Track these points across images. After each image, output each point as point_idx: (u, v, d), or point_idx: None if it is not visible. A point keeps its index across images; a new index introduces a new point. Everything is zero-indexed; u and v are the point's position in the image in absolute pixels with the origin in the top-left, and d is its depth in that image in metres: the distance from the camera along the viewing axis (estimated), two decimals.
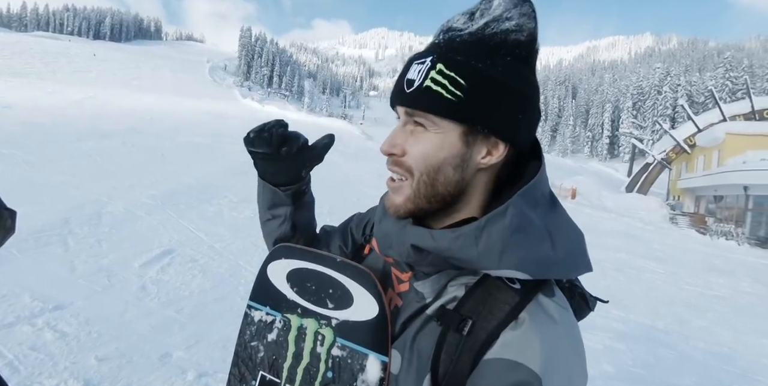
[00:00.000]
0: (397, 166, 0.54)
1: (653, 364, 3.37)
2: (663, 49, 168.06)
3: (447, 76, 0.49)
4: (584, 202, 19.71)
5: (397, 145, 0.54)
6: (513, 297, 0.51)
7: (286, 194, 0.75)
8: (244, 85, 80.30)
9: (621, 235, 10.99)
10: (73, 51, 64.62)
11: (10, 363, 2.26)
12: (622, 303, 4.88)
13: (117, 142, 11.56)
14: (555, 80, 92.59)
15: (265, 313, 0.66)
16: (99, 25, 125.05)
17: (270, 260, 0.67)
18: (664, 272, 7.00)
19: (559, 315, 0.51)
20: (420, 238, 0.52)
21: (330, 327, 0.60)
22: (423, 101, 0.51)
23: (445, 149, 0.52)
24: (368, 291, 0.58)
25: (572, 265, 0.52)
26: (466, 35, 0.51)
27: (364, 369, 0.56)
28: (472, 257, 0.49)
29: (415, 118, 0.52)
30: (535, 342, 0.47)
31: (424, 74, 0.51)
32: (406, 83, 0.52)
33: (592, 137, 70.59)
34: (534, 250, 0.49)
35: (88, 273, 3.57)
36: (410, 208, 0.55)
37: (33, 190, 5.82)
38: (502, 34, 0.50)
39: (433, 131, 0.52)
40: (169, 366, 2.43)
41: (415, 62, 0.53)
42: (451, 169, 0.52)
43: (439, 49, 0.52)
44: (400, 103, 0.53)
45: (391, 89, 0.58)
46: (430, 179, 0.53)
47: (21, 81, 27.44)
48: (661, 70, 63.25)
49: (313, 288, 0.62)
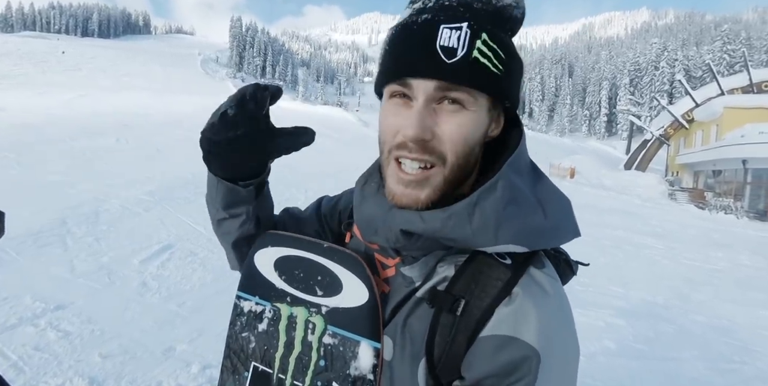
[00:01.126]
0: (427, 152, 0.47)
1: (654, 339, 3.41)
2: (660, 24, 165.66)
3: (491, 49, 0.46)
4: (583, 181, 19.71)
5: (428, 128, 0.46)
6: (505, 272, 0.49)
7: (248, 190, 0.64)
8: (237, 77, 79.43)
9: (620, 212, 11.01)
10: (62, 49, 63.66)
11: (15, 364, 2.28)
12: (621, 280, 4.92)
13: (111, 139, 11.49)
14: (551, 59, 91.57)
15: (254, 303, 0.65)
16: (86, 21, 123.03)
17: (257, 249, 0.65)
18: (663, 247, 7.03)
19: (551, 287, 0.50)
20: (410, 222, 0.49)
21: (320, 315, 0.59)
22: (469, 74, 0.45)
23: (481, 127, 0.49)
24: (357, 276, 0.56)
25: (563, 232, 0.52)
26: (479, 3, 0.47)
27: (357, 356, 0.55)
28: (466, 235, 0.47)
29: (454, 94, 0.46)
30: (531, 317, 0.46)
31: (467, 43, 0.45)
32: (444, 52, 0.44)
33: (590, 116, 70.23)
34: (528, 221, 0.48)
35: (89, 272, 3.58)
36: (434, 199, 0.49)
37: (28, 192, 5.80)
38: (509, 9, 0.49)
39: (472, 109, 0.47)
40: (173, 359, 2.46)
41: (444, 26, 0.45)
42: (478, 146, 0.50)
43: (471, 16, 0.46)
44: (437, 75, 0.45)
45: (391, 59, 0.49)
46: (465, 162, 0.49)
47: (10, 82, 27.14)
48: (657, 45, 62.50)
49: (301, 276, 0.61)
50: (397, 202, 0.50)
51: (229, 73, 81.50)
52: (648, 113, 44.38)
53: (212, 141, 0.59)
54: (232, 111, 0.57)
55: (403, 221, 0.49)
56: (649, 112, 45.83)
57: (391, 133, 0.49)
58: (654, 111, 45.45)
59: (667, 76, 57.17)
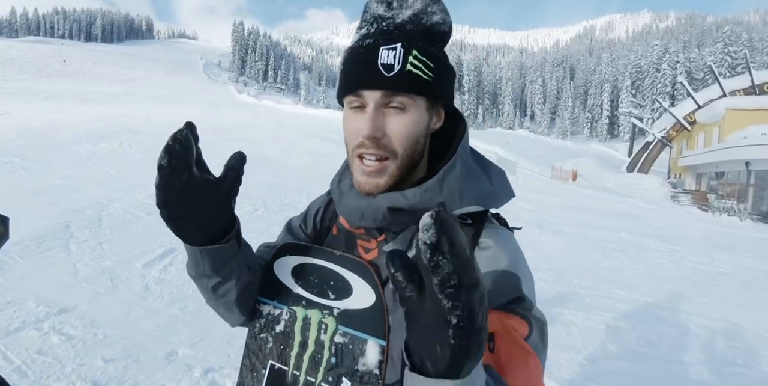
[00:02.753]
0: (380, 148, 0.58)
1: (657, 342, 3.39)
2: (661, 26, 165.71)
3: (421, 61, 0.57)
4: (585, 183, 19.67)
5: (379, 128, 0.58)
6: (470, 229, 0.62)
7: (231, 244, 0.62)
8: (240, 81, 79.80)
9: (622, 215, 10.97)
10: (66, 55, 64.14)
11: (18, 368, 2.29)
12: (624, 283, 4.90)
13: (114, 144, 11.55)
14: (552, 62, 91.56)
15: (272, 307, 0.71)
16: (90, 27, 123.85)
17: (275, 258, 0.71)
18: (666, 250, 7.00)
19: (504, 232, 0.65)
20: (394, 200, 0.60)
21: (332, 316, 0.64)
22: (408, 83, 0.57)
23: (421, 123, 0.60)
24: (365, 281, 0.62)
25: (504, 194, 0.66)
26: (411, 25, 0.59)
27: (364, 353, 0.61)
28: (440, 202, 0.58)
29: (396, 100, 0.58)
30: (501, 253, 0.61)
31: (401, 59, 0.56)
32: (384, 68, 0.56)
33: (592, 118, 70.13)
34: (481, 188, 0.63)
35: (92, 276, 3.60)
36: (391, 184, 0.61)
37: (32, 196, 5.84)
38: (437, 26, 0.60)
39: (412, 110, 0.58)
40: (176, 363, 2.46)
41: (383, 48, 0.57)
42: (423, 139, 0.62)
43: (403, 37, 0.58)
44: (380, 86, 0.57)
45: (347, 77, 0.60)
46: (412, 152, 0.60)
47: (16, 88, 27.33)
48: (659, 47, 62.44)
49: (315, 281, 0.67)
50: (362, 189, 0.61)
51: (232, 78, 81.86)
52: (650, 115, 44.26)
53: (176, 214, 0.56)
54: (165, 160, 0.53)
55: (388, 200, 0.60)
56: (651, 114, 45.70)
57: (352, 135, 0.61)
58: (656, 113, 45.33)
59: (669, 79, 57.06)
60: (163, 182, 0.55)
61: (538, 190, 14.79)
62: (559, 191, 15.98)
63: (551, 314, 3.72)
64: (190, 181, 0.55)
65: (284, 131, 19.08)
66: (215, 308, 0.72)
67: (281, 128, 19.73)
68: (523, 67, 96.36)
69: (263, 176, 9.23)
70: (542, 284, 4.57)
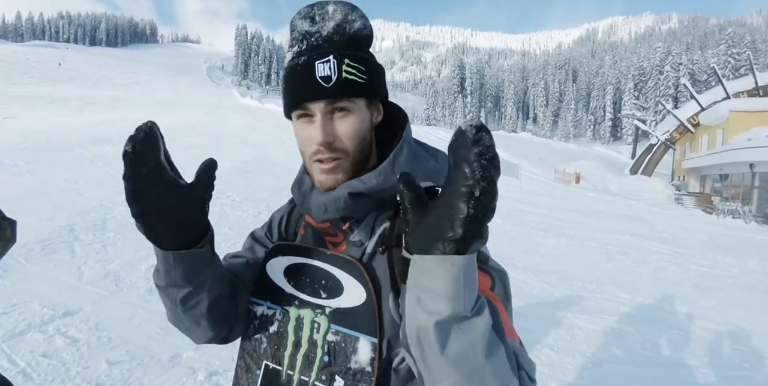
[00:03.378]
0: (334, 151, 0.63)
1: (662, 345, 3.38)
2: (663, 28, 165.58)
3: (354, 67, 0.62)
4: (588, 186, 19.62)
5: (329, 133, 0.62)
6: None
7: (205, 250, 0.63)
8: (243, 84, 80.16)
9: (626, 218, 10.93)
10: (71, 58, 64.66)
11: (23, 370, 2.30)
12: (629, 286, 4.87)
13: (118, 147, 11.60)
14: (555, 65, 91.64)
15: (266, 307, 0.71)
16: (95, 31, 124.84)
17: (268, 259, 0.72)
18: (670, 253, 6.96)
19: None
20: (353, 186, 0.64)
21: (324, 315, 0.65)
22: (347, 89, 0.62)
23: (365, 121, 0.65)
24: (356, 279, 0.63)
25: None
26: (337, 36, 0.63)
27: (357, 350, 0.62)
28: (394, 182, 0.64)
29: (339, 105, 0.62)
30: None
31: (336, 69, 0.61)
32: (323, 80, 0.61)
33: (595, 121, 70.02)
34: (428, 166, 0.68)
35: (96, 279, 3.62)
36: (348, 177, 0.65)
37: (37, 199, 5.87)
38: (359, 32, 0.64)
39: (355, 111, 0.63)
40: (180, 366, 2.47)
41: (317, 63, 0.61)
42: (368, 133, 0.67)
43: (333, 49, 0.63)
44: (323, 96, 0.61)
45: (290, 93, 0.64)
46: (362, 148, 0.65)
47: (20, 91, 27.53)
48: (662, 49, 62.37)
49: (307, 281, 0.67)
50: (324, 186, 0.65)
51: (235, 81, 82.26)
52: (653, 117, 44.16)
53: (147, 210, 0.56)
54: (129, 146, 0.54)
55: (348, 188, 0.64)
56: (654, 116, 45.60)
57: (306, 144, 0.64)
58: (659, 115, 45.21)
59: (672, 81, 56.94)
60: (129, 170, 0.54)
61: (540, 193, 14.75)
62: (563, 193, 15.94)
63: (555, 317, 3.71)
64: (159, 172, 0.56)
65: (287, 134, 19.12)
66: (179, 322, 0.69)
67: (284, 131, 19.78)
68: (526, 70, 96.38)
69: (266, 179, 9.26)
70: (546, 287, 4.55)
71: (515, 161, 18.67)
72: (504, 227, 7.54)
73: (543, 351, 3.07)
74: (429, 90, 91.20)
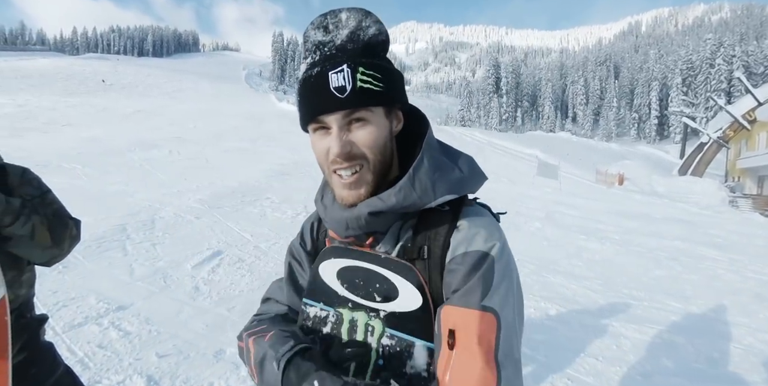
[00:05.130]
0: (352, 159, 0.62)
1: (717, 359, 3.15)
2: (714, 18, 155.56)
3: (369, 75, 0.61)
4: (633, 188, 18.68)
5: (347, 143, 0.62)
6: (447, 215, 0.66)
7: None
8: (279, 89, 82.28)
9: (675, 221, 10.31)
10: (121, 69, 68.81)
11: (81, 360, 2.45)
12: (680, 294, 4.59)
13: (164, 151, 12.23)
14: (595, 61, 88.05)
15: (319, 309, 0.72)
16: (142, 42, 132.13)
17: (321, 261, 0.73)
18: (725, 260, 6.50)
19: (480, 212, 0.69)
20: (373, 205, 0.63)
21: (379, 319, 0.65)
22: (363, 98, 0.60)
23: (384, 129, 0.64)
24: (412, 283, 0.63)
25: (476, 179, 0.70)
26: (351, 44, 0.62)
27: (412, 355, 0.61)
28: (414, 200, 0.63)
29: (356, 116, 0.61)
30: (475, 234, 0.64)
31: (350, 78, 0.60)
32: (338, 91, 0.60)
33: (639, 119, 66.60)
34: (451, 177, 0.66)
35: (146, 276, 3.81)
36: (371, 191, 0.64)
37: (93, 200, 6.28)
38: (374, 38, 0.63)
39: (373, 120, 0.62)
40: (224, 362, 2.55)
41: (331, 73, 0.60)
42: (389, 142, 0.66)
43: (347, 58, 0.61)
44: (339, 108, 0.60)
45: (305, 106, 0.63)
46: (382, 157, 0.64)
47: (76, 100, 29.57)
48: (712, 41, 58.49)
49: (361, 284, 0.68)
50: (346, 202, 0.65)
51: (272, 86, 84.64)
52: (704, 114, 41.56)
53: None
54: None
55: (368, 206, 0.63)
56: (705, 113, 42.89)
57: (324, 156, 0.64)
58: (710, 112, 42.49)
59: (725, 74, 53.25)
60: None
61: (581, 195, 14.21)
62: (605, 195, 15.28)
63: (600, 325, 3.55)
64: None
65: None
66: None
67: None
68: (564, 68, 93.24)
69: (304, 182, 9.45)
70: (590, 293, 4.37)
71: (554, 162, 18.08)
72: (544, 231, 7.31)
73: (587, 359, 2.94)
74: (463, 91, 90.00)
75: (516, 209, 9.15)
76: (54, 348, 1.23)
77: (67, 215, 1.21)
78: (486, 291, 0.59)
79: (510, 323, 0.60)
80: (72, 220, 1.21)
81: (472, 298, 0.59)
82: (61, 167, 8.92)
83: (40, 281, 1.30)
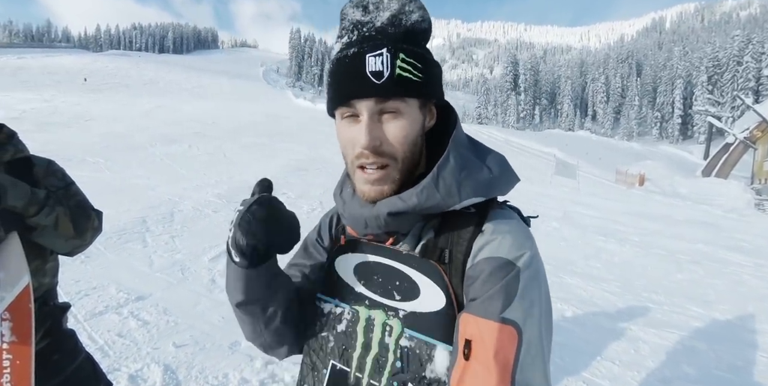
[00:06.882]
0: (380, 156, 0.58)
1: (741, 368, 3.05)
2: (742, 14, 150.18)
3: (409, 63, 0.56)
4: (654, 189, 18.22)
5: (376, 136, 0.57)
6: (472, 218, 0.61)
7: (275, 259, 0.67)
8: (296, 86, 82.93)
9: (698, 224, 10.02)
10: (142, 65, 70.22)
11: (101, 348, 2.52)
12: (702, 299, 4.46)
13: (184, 146, 12.43)
14: (616, 58, 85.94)
15: (334, 305, 0.68)
16: (163, 39, 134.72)
17: (336, 255, 0.69)
18: (751, 264, 6.29)
19: (509, 217, 0.62)
20: (392, 205, 0.59)
21: (398, 318, 0.61)
22: (400, 87, 0.56)
23: (416, 123, 0.60)
24: (435, 282, 0.59)
25: (507, 180, 0.64)
26: (392, 28, 0.57)
27: (433, 359, 0.58)
28: (438, 201, 0.58)
29: (389, 106, 0.57)
30: (502, 240, 0.58)
31: (389, 64, 0.55)
32: (374, 75, 0.55)
33: (661, 118, 64.87)
34: (479, 178, 0.61)
35: (165, 267, 3.89)
36: (395, 189, 0.60)
37: (115, 192, 6.43)
38: (417, 24, 0.58)
39: (407, 112, 0.58)
40: (239, 353, 2.59)
41: (368, 56, 0.56)
42: (419, 139, 0.61)
43: (387, 41, 0.57)
44: (373, 94, 0.56)
45: (336, 88, 0.59)
46: (411, 155, 0.60)
47: (99, 96, 30.33)
48: (740, 37, 56.44)
49: (379, 281, 0.64)
50: (368, 198, 0.61)
51: (289, 83, 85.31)
52: (730, 113, 40.17)
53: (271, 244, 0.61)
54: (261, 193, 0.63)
55: (388, 206, 0.59)
56: (731, 112, 41.47)
57: (349, 146, 0.60)
58: (737, 111, 41.08)
59: (753, 72, 51.38)
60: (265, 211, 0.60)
61: (600, 195, 13.93)
62: (625, 196, 14.94)
63: (618, 329, 3.48)
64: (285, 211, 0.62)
65: None
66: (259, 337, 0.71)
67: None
68: (584, 65, 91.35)
69: (319, 178, 9.50)
70: (608, 295, 4.28)
71: (572, 161, 17.76)
72: (561, 231, 7.19)
73: (603, 363, 2.89)
74: (480, 88, 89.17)
75: (533, 208, 9.02)
76: (75, 336, 1.25)
77: (90, 206, 1.23)
78: (508, 301, 0.54)
79: (534, 340, 0.54)
80: (94, 212, 1.23)
81: (492, 308, 0.54)
82: (85, 161, 9.16)
83: (63, 270, 1.33)
